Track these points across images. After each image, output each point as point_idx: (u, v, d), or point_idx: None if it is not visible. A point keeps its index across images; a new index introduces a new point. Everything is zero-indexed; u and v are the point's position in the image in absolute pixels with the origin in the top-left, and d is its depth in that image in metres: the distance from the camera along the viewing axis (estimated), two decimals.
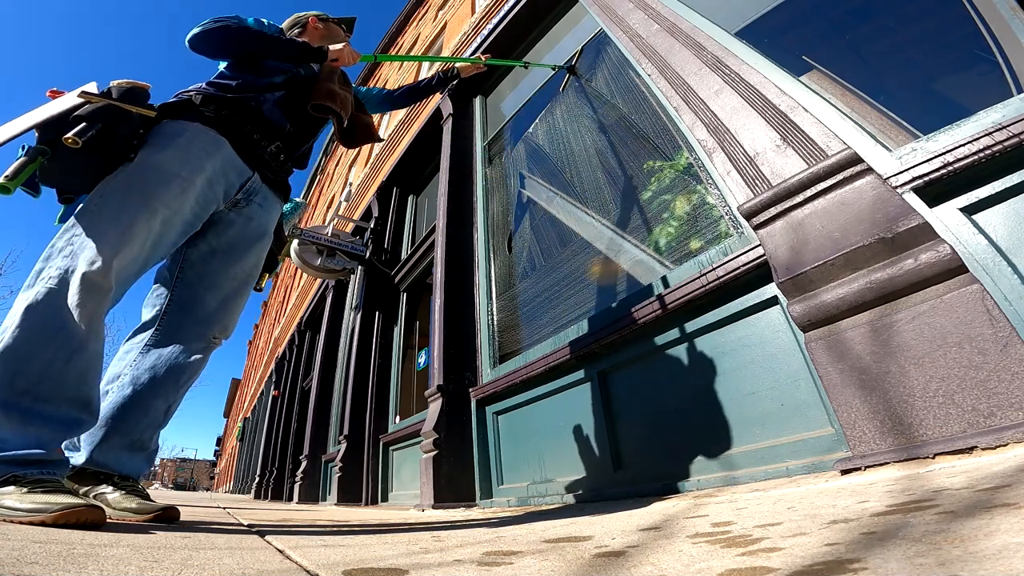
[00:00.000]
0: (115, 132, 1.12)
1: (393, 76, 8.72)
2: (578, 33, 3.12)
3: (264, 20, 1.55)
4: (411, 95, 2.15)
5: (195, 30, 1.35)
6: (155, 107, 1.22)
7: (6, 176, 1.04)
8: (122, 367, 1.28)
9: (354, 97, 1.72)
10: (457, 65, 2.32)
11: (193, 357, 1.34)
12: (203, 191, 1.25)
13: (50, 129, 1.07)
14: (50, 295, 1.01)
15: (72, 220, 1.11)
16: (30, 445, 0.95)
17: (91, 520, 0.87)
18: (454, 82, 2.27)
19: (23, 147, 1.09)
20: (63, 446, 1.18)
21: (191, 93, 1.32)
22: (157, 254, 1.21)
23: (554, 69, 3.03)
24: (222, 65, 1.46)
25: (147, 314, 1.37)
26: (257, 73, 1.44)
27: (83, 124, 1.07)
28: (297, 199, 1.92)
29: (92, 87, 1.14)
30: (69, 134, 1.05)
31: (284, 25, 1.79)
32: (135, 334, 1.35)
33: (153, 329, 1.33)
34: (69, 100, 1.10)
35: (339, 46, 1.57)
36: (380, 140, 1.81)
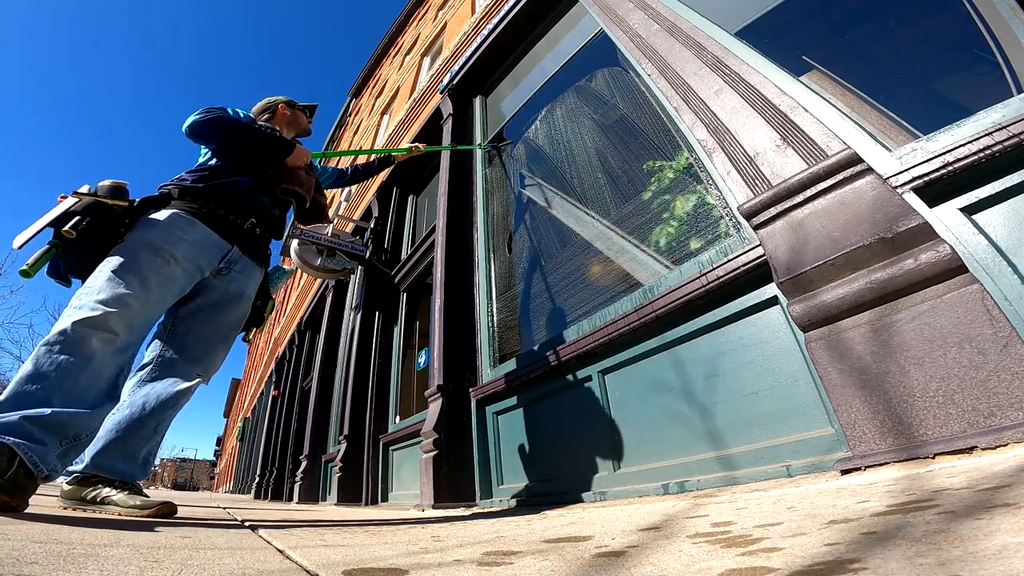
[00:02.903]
0: (100, 222, 1.42)
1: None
2: (578, 33, 3.12)
3: (239, 111, 1.79)
4: (357, 176, 2.54)
5: (194, 118, 1.63)
6: (133, 200, 1.51)
7: (28, 264, 1.33)
8: (123, 395, 1.51)
9: (316, 180, 1.98)
10: (394, 152, 2.74)
11: (179, 389, 1.57)
12: (185, 263, 1.51)
13: (58, 225, 1.37)
14: (61, 334, 1.26)
15: (83, 285, 1.38)
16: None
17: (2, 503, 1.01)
18: (392, 165, 2.75)
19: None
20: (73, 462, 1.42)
21: (170, 187, 1.60)
22: (157, 310, 1.47)
23: (480, 147, 3.51)
24: (202, 156, 1.71)
25: (147, 357, 1.63)
26: (229, 162, 1.67)
27: (76, 218, 1.38)
28: (286, 267, 2.19)
29: (84, 188, 1.45)
30: (66, 227, 1.36)
31: (255, 109, 2.02)
32: (137, 371, 1.59)
33: (150, 368, 1.59)
34: (69, 201, 1.41)
35: (296, 151, 1.79)
36: (330, 221, 2.22)
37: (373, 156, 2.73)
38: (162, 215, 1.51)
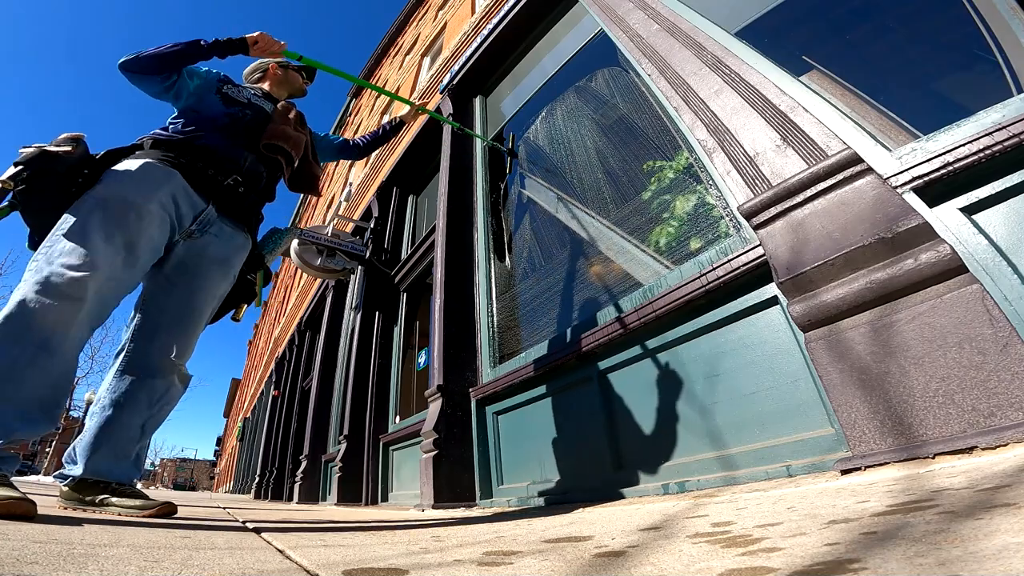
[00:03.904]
0: (48, 170, 1.27)
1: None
2: (578, 33, 3.12)
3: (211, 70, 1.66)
4: (363, 149, 2.27)
5: (123, 58, 1.48)
6: (95, 155, 1.36)
7: None
8: (103, 390, 1.43)
9: (311, 143, 1.83)
10: (401, 113, 2.47)
11: (158, 380, 1.45)
12: (159, 217, 1.37)
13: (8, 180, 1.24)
14: (21, 306, 1.13)
15: (42, 245, 1.25)
16: None
17: (22, 512, 0.95)
18: (400, 129, 2.45)
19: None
20: (63, 460, 1.37)
21: (144, 139, 1.47)
22: (130, 276, 1.33)
23: (487, 143, 3.31)
24: (175, 110, 1.59)
25: (122, 340, 1.49)
26: (200, 115, 1.55)
27: (17, 168, 1.25)
28: (282, 228, 1.92)
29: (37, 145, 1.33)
30: (2, 176, 1.23)
31: (247, 71, 1.93)
32: (115, 358, 1.48)
33: (123, 356, 1.46)
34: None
35: (256, 34, 1.61)
36: (319, 195, 1.94)
37: (384, 120, 2.71)
38: (133, 164, 1.37)
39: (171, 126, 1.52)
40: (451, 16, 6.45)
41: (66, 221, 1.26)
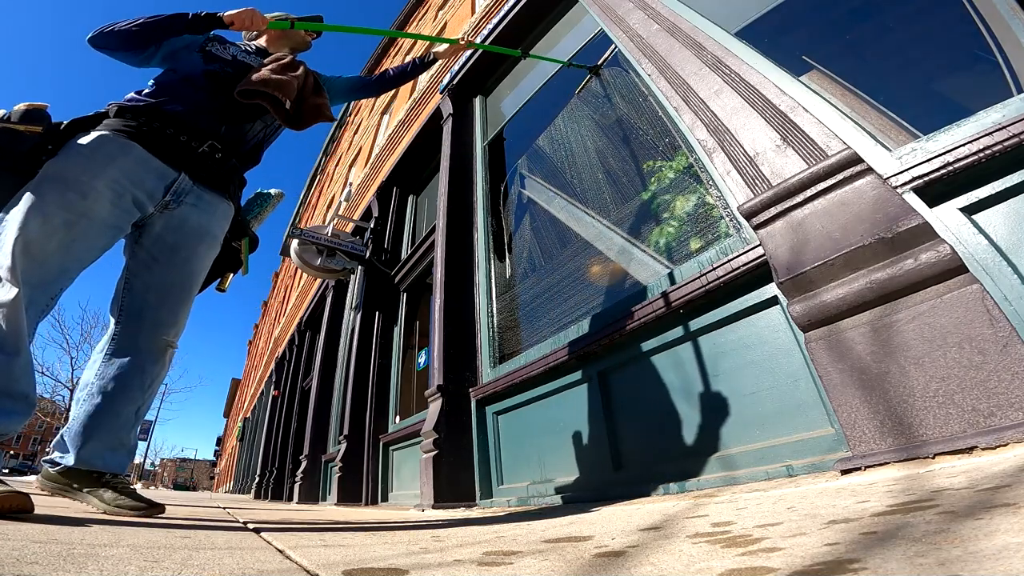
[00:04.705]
0: (8, 150, 1.22)
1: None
2: (578, 33, 3.12)
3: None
4: (384, 83, 2.07)
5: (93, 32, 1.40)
6: (59, 123, 1.29)
7: None
8: (90, 376, 1.36)
9: (314, 81, 1.68)
10: (435, 50, 2.21)
11: (151, 362, 1.39)
12: (114, 195, 1.27)
13: None
14: None
15: None
16: None
17: (17, 506, 0.93)
18: (433, 66, 2.15)
19: None
20: (51, 447, 1.31)
21: (110, 105, 1.38)
22: (76, 258, 1.23)
23: (567, 66, 2.89)
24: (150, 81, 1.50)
25: (110, 325, 1.42)
26: (178, 75, 1.46)
27: None
28: (269, 191, 1.75)
29: None
30: None
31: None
32: (101, 342, 1.42)
33: (112, 338, 1.39)
34: None
35: (234, 12, 1.52)
36: (331, 119, 1.74)
37: (408, 58, 2.18)
38: (87, 138, 1.28)
39: (146, 88, 1.44)
40: (451, 16, 6.45)
41: (8, 207, 1.18)
